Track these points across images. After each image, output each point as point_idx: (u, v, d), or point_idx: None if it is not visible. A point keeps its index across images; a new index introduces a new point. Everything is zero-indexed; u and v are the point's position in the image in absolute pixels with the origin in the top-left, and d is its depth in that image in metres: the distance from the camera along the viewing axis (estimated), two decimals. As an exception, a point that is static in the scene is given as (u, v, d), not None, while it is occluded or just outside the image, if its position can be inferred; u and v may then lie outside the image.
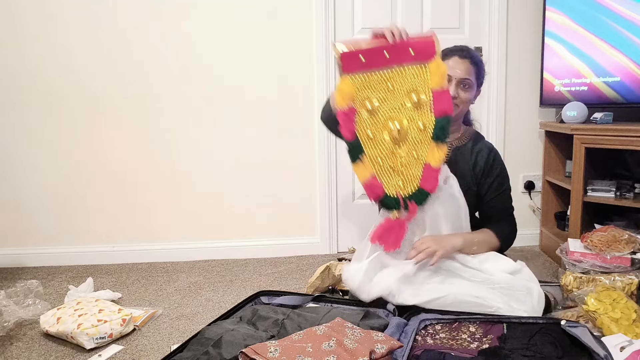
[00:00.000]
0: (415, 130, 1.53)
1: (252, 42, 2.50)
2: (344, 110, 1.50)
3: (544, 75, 2.52)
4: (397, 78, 1.51)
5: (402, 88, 1.51)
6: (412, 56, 1.48)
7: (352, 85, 1.50)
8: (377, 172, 1.54)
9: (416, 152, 1.53)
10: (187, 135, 2.55)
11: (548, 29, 2.48)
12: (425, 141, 1.52)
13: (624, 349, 1.27)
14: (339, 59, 1.48)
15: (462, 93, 1.69)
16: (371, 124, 1.53)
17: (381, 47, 1.47)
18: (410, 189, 1.54)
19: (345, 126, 1.51)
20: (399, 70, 1.50)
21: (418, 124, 1.52)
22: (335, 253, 2.66)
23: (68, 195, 2.54)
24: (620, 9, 2.26)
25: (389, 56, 1.48)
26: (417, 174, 1.53)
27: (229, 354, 1.23)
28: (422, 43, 1.49)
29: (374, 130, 1.53)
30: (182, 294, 2.15)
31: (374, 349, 1.15)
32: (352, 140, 1.51)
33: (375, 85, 1.51)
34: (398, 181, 1.54)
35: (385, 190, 1.54)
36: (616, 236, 1.84)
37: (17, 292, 1.98)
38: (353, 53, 1.48)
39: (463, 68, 1.67)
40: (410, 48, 1.48)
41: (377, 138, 1.53)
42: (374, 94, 1.51)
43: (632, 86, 2.28)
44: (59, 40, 2.43)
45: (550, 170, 2.60)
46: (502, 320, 1.38)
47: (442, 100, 1.49)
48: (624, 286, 1.67)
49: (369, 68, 1.49)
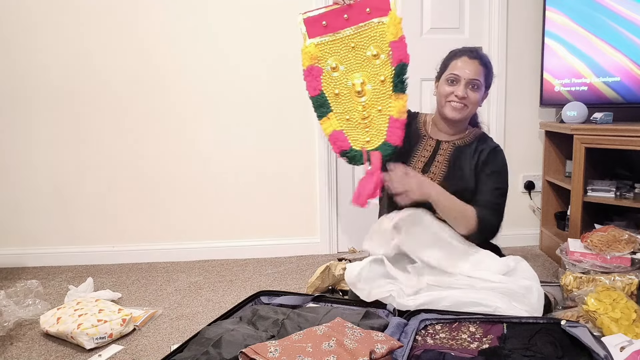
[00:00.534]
0: (377, 85, 1.61)
1: (252, 42, 2.50)
2: (307, 69, 1.62)
3: (544, 75, 2.52)
4: (357, 37, 1.60)
5: (363, 45, 1.61)
6: (368, 14, 1.58)
7: (316, 48, 1.61)
8: (345, 127, 1.64)
9: (380, 105, 1.62)
10: (187, 136, 2.55)
11: (548, 29, 2.48)
12: (387, 94, 1.61)
13: (624, 349, 1.27)
14: (303, 24, 1.60)
15: (471, 93, 1.66)
16: (337, 82, 1.63)
17: (340, 9, 1.58)
18: (376, 144, 1.63)
19: (309, 83, 1.63)
20: (359, 30, 1.60)
21: (379, 78, 1.61)
22: (335, 253, 2.66)
23: (68, 195, 2.54)
24: (620, 9, 2.26)
25: (348, 17, 1.59)
26: (383, 128, 1.62)
27: (229, 354, 1.23)
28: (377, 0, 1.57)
29: (340, 88, 1.63)
30: (182, 294, 2.15)
31: (374, 349, 1.15)
32: (316, 96, 1.63)
33: (338, 46, 1.61)
34: (365, 137, 1.63)
35: (350, 144, 1.64)
36: (616, 236, 1.84)
37: (17, 292, 1.98)
38: (315, 18, 1.60)
39: (472, 68, 1.65)
40: (367, 8, 1.58)
41: (343, 95, 1.63)
42: (338, 54, 1.62)
43: (631, 86, 2.28)
44: (60, 41, 2.43)
45: (550, 170, 2.60)
46: (502, 320, 1.38)
47: (398, 49, 1.58)
48: (624, 286, 1.67)
49: (331, 31, 1.60)
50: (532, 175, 2.72)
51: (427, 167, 1.73)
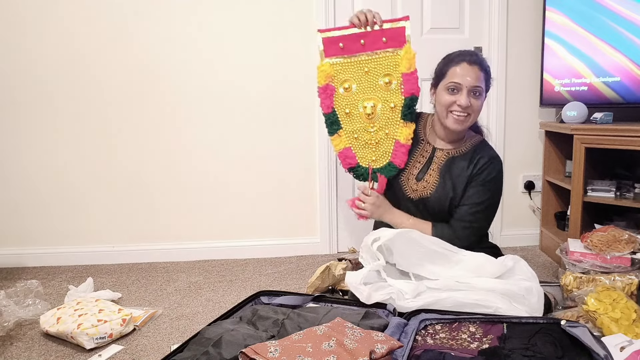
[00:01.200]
0: (387, 110, 1.70)
1: (252, 41, 2.50)
2: (322, 87, 1.70)
3: (544, 76, 2.52)
4: (371, 62, 1.68)
5: (376, 71, 1.69)
6: (384, 43, 1.66)
7: (331, 67, 1.69)
8: (354, 145, 1.74)
9: (388, 129, 1.71)
10: (187, 135, 2.55)
11: (548, 29, 2.48)
12: (395, 120, 1.70)
13: (624, 349, 1.27)
14: (322, 43, 1.68)
15: (474, 101, 1.60)
16: (348, 102, 1.71)
17: (358, 34, 1.67)
18: (381, 164, 1.74)
19: (322, 101, 1.72)
20: (374, 56, 1.68)
21: (389, 104, 1.69)
22: (335, 253, 2.66)
23: (68, 195, 2.54)
24: (620, 9, 2.26)
25: (365, 43, 1.67)
26: (389, 150, 1.72)
27: (229, 354, 1.23)
28: (394, 31, 1.66)
29: (351, 108, 1.71)
30: (182, 294, 2.15)
31: (374, 349, 1.15)
32: (328, 113, 1.72)
33: (352, 68, 1.69)
34: (372, 156, 1.74)
35: (358, 161, 1.75)
36: (616, 236, 1.84)
37: (17, 292, 1.98)
38: (333, 39, 1.68)
39: (473, 75, 1.59)
40: (383, 37, 1.66)
41: (353, 115, 1.72)
42: (351, 76, 1.70)
43: (631, 86, 2.28)
44: (59, 42, 2.43)
45: (550, 170, 2.60)
46: (502, 320, 1.38)
47: (410, 82, 1.66)
48: (624, 286, 1.67)
49: (347, 53, 1.68)
50: (532, 175, 2.72)
51: (421, 174, 1.72)
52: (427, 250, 1.57)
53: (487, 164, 1.66)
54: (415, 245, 1.57)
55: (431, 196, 1.68)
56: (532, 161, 2.70)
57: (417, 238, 1.58)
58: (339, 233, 2.70)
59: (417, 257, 1.57)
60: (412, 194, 1.72)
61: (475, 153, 1.69)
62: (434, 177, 1.69)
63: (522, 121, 2.67)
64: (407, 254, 1.58)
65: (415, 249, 1.57)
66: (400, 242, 1.57)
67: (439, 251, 1.58)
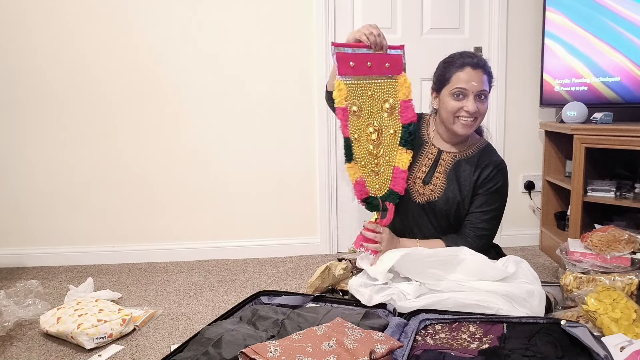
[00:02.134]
0: (388, 136, 1.65)
1: (252, 41, 2.50)
2: (341, 108, 1.56)
3: (544, 76, 2.52)
4: (374, 86, 1.62)
5: (379, 96, 1.63)
6: (386, 68, 1.62)
7: (345, 87, 1.58)
8: (362, 174, 1.63)
9: (388, 156, 1.66)
10: (187, 135, 2.55)
11: (548, 29, 2.48)
12: (394, 146, 1.66)
13: (624, 349, 1.27)
14: (335, 58, 1.57)
15: (481, 106, 1.60)
16: (357, 126, 1.61)
17: (366, 55, 1.58)
18: (383, 192, 1.66)
19: (343, 123, 1.58)
20: (377, 80, 1.62)
21: (390, 130, 1.65)
22: (335, 253, 2.66)
23: (68, 195, 2.54)
24: (620, 9, 2.26)
25: (371, 66, 1.60)
26: (389, 177, 1.66)
27: (229, 354, 1.23)
28: (394, 58, 1.62)
29: (359, 132, 1.61)
30: (182, 294, 2.15)
31: (374, 349, 1.15)
32: (348, 137, 1.59)
33: (359, 91, 1.60)
34: (375, 184, 1.65)
35: (369, 191, 1.64)
36: (616, 236, 1.83)
37: (17, 292, 1.98)
38: (346, 55, 1.57)
39: (478, 79, 1.57)
40: (386, 62, 1.61)
41: (360, 140, 1.62)
42: (358, 99, 1.60)
43: (631, 87, 2.28)
44: (58, 42, 2.43)
45: (550, 170, 2.60)
46: (502, 320, 1.38)
47: (407, 110, 1.64)
48: (624, 286, 1.67)
49: (356, 74, 1.59)
50: (532, 175, 2.72)
51: (427, 177, 1.71)
52: (428, 262, 1.57)
53: (493, 172, 1.66)
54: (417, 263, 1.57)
55: (439, 199, 1.68)
56: (532, 161, 2.70)
57: (417, 257, 1.56)
58: (339, 233, 2.70)
59: (417, 270, 1.57)
60: (418, 197, 1.70)
61: (482, 158, 1.68)
62: (440, 180, 1.69)
63: (522, 121, 2.67)
64: (412, 267, 1.58)
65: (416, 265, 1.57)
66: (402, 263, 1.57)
67: (439, 260, 1.57)
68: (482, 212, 1.66)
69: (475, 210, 1.67)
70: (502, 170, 1.68)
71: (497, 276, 1.55)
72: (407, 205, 1.73)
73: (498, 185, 1.66)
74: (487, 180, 1.66)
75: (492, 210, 1.67)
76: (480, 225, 1.67)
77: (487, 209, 1.66)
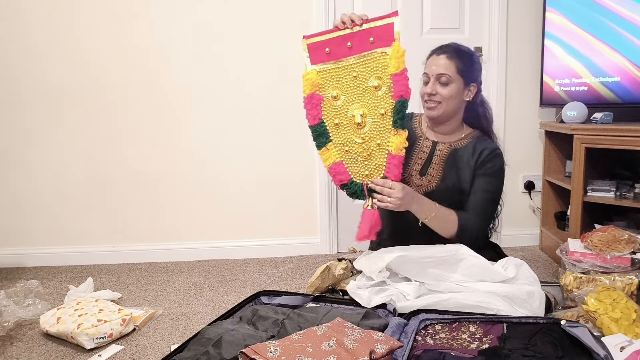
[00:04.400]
0: (377, 117, 1.54)
1: (252, 42, 2.50)
2: (308, 97, 1.54)
3: (544, 76, 2.52)
4: (360, 66, 1.53)
5: (365, 75, 1.53)
6: (372, 43, 1.51)
7: (318, 75, 1.54)
8: (345, 159, 1.56)
9: (380, 139, 1.54)
10: (187, 135, 2.55)
11: (548, 30, 2.48)
12: (386, 128, 1.53)
13: (624, 349, 1.27)
14: (307, 49, 1.53)
15: (441, 89, 1.64)
16: (337, 111, 1.55)
17: (344, 37, 1.51)
18: (376, 178, 1.55)
19: (308, 112, 1.55)
20: (362, 59, 1.52)
21: (379, 111, 1.53)
22: (335, 253, 2.66)
23: (68, 195, 2.54)
24: (619, 9, 2.26)
25: (352, 45, 1.52)
26: (382, 163, 1.55)
27: (229, 354, 1.23)
28: (381, 29, 1.50)
29: (340, 118, 1.55)
30: (182, 294, 2.15)
31: (374, 349, 1.15)
32: (315, 125, 1.55)
33: (340, 75, 1.54)
34: (364, 171, 1.56)
35: (350, 176, 1.56)
36: (616, 236, 1.83)
37: (17, 292, 1.98)
38: (318, 44, 1.52)
39: (438, 63, 1.64)
40: (370, 36, 1.51)
41: (343, 125, 1.55)
42: (340, 83, 1.54)
43: (630, 87, 2.28)
44: (58, 43, 2.43)
45: (550, 170, 2.60)
46: (502, 320, 1.38)
47: (399, 83, 1.50)
48: (624, 286, 1.67)
49: (334, 59, 1.53)
50: (532, 175, 2.72)
51: (424, 169, 1.73)
52: (427, 263, 1.57)
53: (490, 155, 1.68)
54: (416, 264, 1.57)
55: (437, 188, 1.69)
56: (532, 161, 2.70)
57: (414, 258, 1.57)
58: (339, 233, 2.70)
59: (417, 270, 1.57)
60: (416, 189, 1.72)
61: (477, 144, 1.71)
62: (437, 170, 1.71)
63: (522, 121, 2.67)
64: (410, 268, 1.58)
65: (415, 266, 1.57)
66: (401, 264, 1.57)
67: (437, 260, 1.57)
68: (481, 192, 1.67)
69: (474, 191, 1.68)
70: (499, 155, 1.70)
71: (497, 279, 1.55)
72: None
73: (496, 167, 1.68)
74: (485, 161, 1.68)
75: (489, 192, 1.67)
76: (482, 205, 1.67)
77: (486, 189, 1.67)
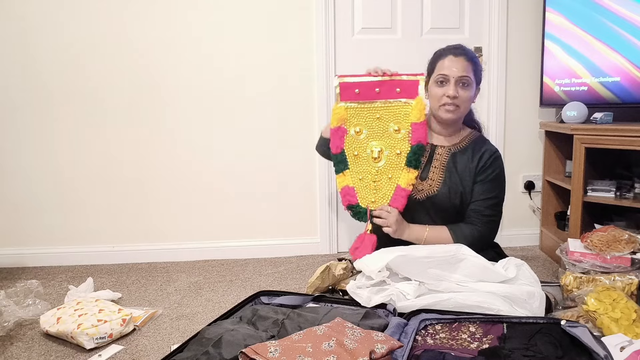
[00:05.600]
0: (393, 155, 1.75)
1: (252, 41, 2.50)
2: (335, 129, 1.76)
3: (544, 76, 2.52)
4: (384, 110, 1.75)
5: (387, 118, 1.75)
6: (397, 93, 1.73)
7: (345, 111, 1.75)
8: (357, 186, 1.77)
9: (391, 174, 1.75)
10: (187, 136, 2.55)
11: (548, 30, 2.48)
12: (399, 165, 1.74)
13: (624, 349, 1.27)
14: (339, 87, 1.74)
15: (462, 92, 1.65)
16: (358, 145, 1.77)
17: (374, 83, 1.73)
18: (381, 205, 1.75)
19: (333, 141, 1.77)
20: (387, 104, 1.74)
21: (396, 150, 1.74)
22: (335, 253, 2.66)
23: (68, 195, 2.54)
24: (619, 10, 2.26)
25: (380, 91, 1.74)
26: (389, 193, 1.75)
27: (229, 354, 1.23)
28: (408, 83, 1.72)
29: (359, 150, 1.77)
30: (182, 294, 2.15)
31: (374, 349, 1.15)
32: (337, 154, 1.77)
33: (365, 114, 1.76)
34: (371, 198, 1.76)
35: (358, 200, 1.77)
36: (616, 236, 1.83)
37: (17, 292, 1.98)
38: (350, 84, 1.74)
39: (459, 66, 1.64)
40: (397, 87, 1.72)
41: (361, 157, 1.77)
42: (364, 120, 1.76)
43: (630, 87, 2.28)
44: (57, 43, 2.43)
45: (550, 170, 2.60)
46: (502, 320, 1.38)
47: (418, 131, 1.71)
48: (624, 286, 1.67)
49: (362, 99, 1.75)
50: (532, 175, 2.72)
51: (424, 173, 1.73)
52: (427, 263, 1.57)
53: (490, 159, 1.70)
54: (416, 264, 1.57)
55: (439, 192, 1.70)
56: (532, 161, 2.70)
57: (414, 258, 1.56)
58: (339, 233, 2.70)
59: (418, 270, 1.57)
60: (417, 194, 1.72)
61: (476, 147, 1.72)
62: (437, 174, 1.71)
63: (522, 121, 2.67)
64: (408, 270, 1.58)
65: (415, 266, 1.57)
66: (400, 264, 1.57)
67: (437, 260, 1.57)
68: (485, 199, 1.69)
69: (478, 198, 1.70)
70: (498, 159, 1.72)
71: (497, 279, 1.55)
72: (408, 204, 1.73)
73: (496, 172, 1.70)
74: (486, 167, 1.69)
75: (494, 197, 1.70)
76: (486, 212, 1.69)
77: (490, 196, 1.69)
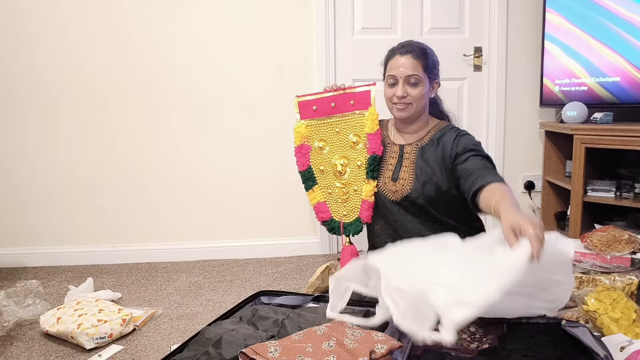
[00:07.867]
0: (355, 168, 1.79)
1: (252, 42, 2.50)
2: (298, 147, 1.84)
3: (544, 76, 2.52)
4: (341, 123, 1.81)
5: (346, 131, 1.80)
6: (351, 105, 1.78)
7: (306, 128, 1.83)
8: (328, 200, 1.83)
9: (356, 186, 1.79)
10: (187, 136, 2.55)
11: (547, 30, 2.48)
12: (361, 177, 1.78)
13: (624, 349, 1.27)
14: (297, 106, 1.83)
15: (412, 90, 1.62)
16: (323, 160, 1.84)
17: (329, 98, 1.79)
18: (351, 219, 1.82)
19: (298, 159, 1.85)
20: (343, 117, 1.80)
21: (357, 162, 1.79)
22: (335, 253, 2.66)
23: (68, 195, 2.54)
24: (619, 10, 2.26)
25: (335, 105, 1.80)
26: (357, 205, 1.80)
27: (229, 354, 1.23)
28: (360, 95, 1.77)
29: (325, 165, 1.83)
30: (182, 294, 2.15)
31: (374, 349, 1.15)
32: (303, 171, 1.84)
33: (325, 129, 1.82)
34: (343, 211, 1.83)
35: (331, 215, 1.83)
36: (616, 236, 1.83)
37: (17, 292, 1.98)
38: (308, 102, 1.83)
39: (406, 65, 1.62)
40: (351, 100, 1.78)
41: (327, 172, 1.83)
42: (325, 135, 1.83)
43: (629, 88, 2.28)
44: (57, 44, 2.43)
45: (550, 170, 2.60)
46: (502, 320, 1.38)
47: (373, 141, 1.75)
48: (624, 286, 1.67)
49: (320, 115, 1.81)
50: (532, 175, 2.72)
51: (395, 174, 1.71)
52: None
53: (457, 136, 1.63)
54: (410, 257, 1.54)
55: (412, 190, 1.66)
56: (532, 161, 2.70)
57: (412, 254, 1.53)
58: (339, 233, 2.69)
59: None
60: (392, 195, 1.70)
61: (443, 135, 1.67)
62: (408, 172, 1.68)
63: (522, 121, 2.67)
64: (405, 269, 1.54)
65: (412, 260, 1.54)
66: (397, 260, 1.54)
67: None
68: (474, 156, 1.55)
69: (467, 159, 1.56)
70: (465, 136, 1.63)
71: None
72: (385, 208, 1.72)
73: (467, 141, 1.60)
74: (456, 143, 1.61)
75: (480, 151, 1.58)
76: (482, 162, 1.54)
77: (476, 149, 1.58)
